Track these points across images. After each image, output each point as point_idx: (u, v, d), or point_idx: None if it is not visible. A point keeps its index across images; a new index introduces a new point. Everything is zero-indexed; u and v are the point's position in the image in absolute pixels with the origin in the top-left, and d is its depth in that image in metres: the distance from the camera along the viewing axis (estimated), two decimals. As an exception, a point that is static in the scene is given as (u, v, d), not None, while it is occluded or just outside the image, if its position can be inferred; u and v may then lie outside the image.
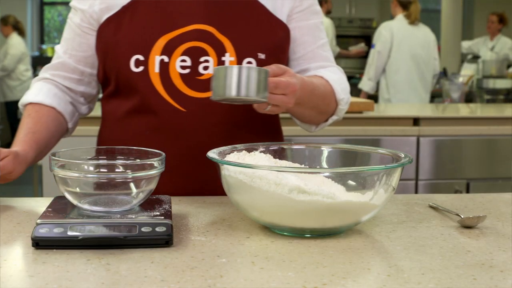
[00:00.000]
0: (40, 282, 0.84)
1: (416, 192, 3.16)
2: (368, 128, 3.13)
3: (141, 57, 1.38)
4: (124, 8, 1.40)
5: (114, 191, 1.06)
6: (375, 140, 3.11)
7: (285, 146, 1.26)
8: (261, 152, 1.20)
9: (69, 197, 1.08)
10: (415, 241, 1.04)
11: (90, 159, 1.16)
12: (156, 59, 1.37)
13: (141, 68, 1.38)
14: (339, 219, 1.04)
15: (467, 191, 3.21)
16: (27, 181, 5.89)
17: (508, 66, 6.59)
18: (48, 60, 1.99)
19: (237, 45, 1.39)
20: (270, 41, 1.42)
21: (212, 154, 1.12)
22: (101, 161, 1.16)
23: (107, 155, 1.19)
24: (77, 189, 1.06)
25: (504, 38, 7.15)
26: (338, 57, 6.88)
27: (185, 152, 1.39)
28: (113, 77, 1.44)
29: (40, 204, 1.24)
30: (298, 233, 1.06)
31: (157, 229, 0.99)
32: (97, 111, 1.65)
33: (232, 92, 1.13)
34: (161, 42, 1.37)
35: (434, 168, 3.19)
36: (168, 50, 1.37)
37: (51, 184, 2.12)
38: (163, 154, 1.13)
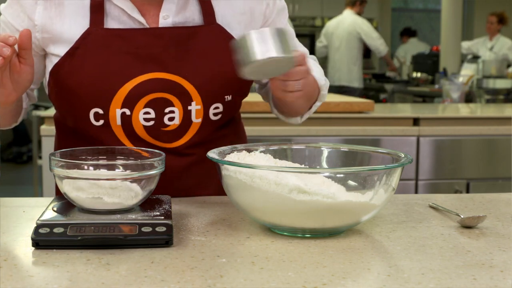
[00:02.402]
0: (40, 282, 0.84)
1: (416, 192, 3.16)
2: (368, 128, 3.13)
3: (100, 111, 1.27)
4: (73, 49, 1.26)
5: (114, 191, 1.06)
6: (375, 140, 3.11)
7: (285, 146, 1.26)
8: (261, 152, 1.19)
9: (68, 197, 1.08)
10: (415, 241, 1.04)
11: (90, 159, 1.16)
12: (117, 112, 1.26)
13: (101, 122, 1.28)
14: (339, 219, 1.04)
15: (467, 191, 3.21)
16: (27, 181, 5.89)
17: (508, 66, 6.58)
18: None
19: (204, 93, 1.28)
20: (235, 79, 1.25)
21: (212, 154, 1.12)
22: (101, 161, 1.16)
23: (107, 155, 1.19)
24: (77, 189, 1.06)
25: (503, 38, 7.15)
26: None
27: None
28: (70, 121, 1.35)
29: (40, 204, 1.24)
30: (298, 233, 1.06)
31: (157, 229, 0.99)
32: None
33: (272, 53, 1.07)
34: (121, 94, 1.25)
35: (434, 168, 3.19)
36: (130, 103, 1.26)
37: (51, 184, 2.12)
38: (163, 154, 1.13)
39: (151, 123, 1.28)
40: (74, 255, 0.94)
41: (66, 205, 1.10)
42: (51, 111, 3.20)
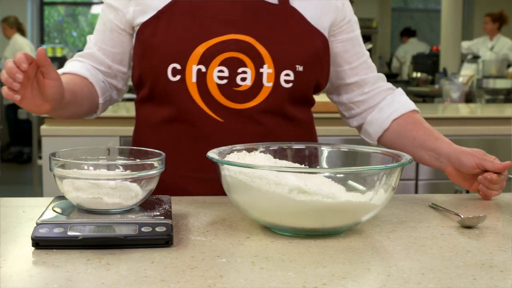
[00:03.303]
0: (40, 282, 0.84)
1: (416, 192, 3.16)
2: (368, 128, 3.13)
3: (178, 66, 1.37)
4: (160, 13, 1.39)
5: (114, 191, 1.06)
6: (375, 140, 3.11)
7: (285, 146, 1.26)
8: (261, 152, 1.20)
9: (68, 196, 1.08)
10: (415, 241, 1.04)
11: (90, 159, 1.16)
12: (193, 68, 1.37)
13: (178, 77, 1.37)
14: (339, 219, 1.04)
15: (467, 191, 3.20)
16: (27, 181, 5.89)
17: (508, 66, 6.58)
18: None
19: (276, 57, 1.38)
20: (307, 52, 1.41)
21: (212, 154, 1.12)
22: (101, 161, 1.16)
23: (107, 155, 1.19)
24: (77, 189, 1.06)
25: (503, 38, 7.15)
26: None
27: None
28: (149, 82, 1.43)
29: (40, 204, 1.24)
30: (298, 233, 1.06)
31: (157, 229, 0.99)
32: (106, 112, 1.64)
33: None
34: (198, 51, 1.36)
35: (434, 168, 3.18)
36: (206, 60, 1.36)
37: (51, 184, 2.12)
38: (163, 154, 1.13)
39: (224, 81, 1.37)
40: (74, 255, 0.94)
41: (66, 205, 1.10)
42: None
